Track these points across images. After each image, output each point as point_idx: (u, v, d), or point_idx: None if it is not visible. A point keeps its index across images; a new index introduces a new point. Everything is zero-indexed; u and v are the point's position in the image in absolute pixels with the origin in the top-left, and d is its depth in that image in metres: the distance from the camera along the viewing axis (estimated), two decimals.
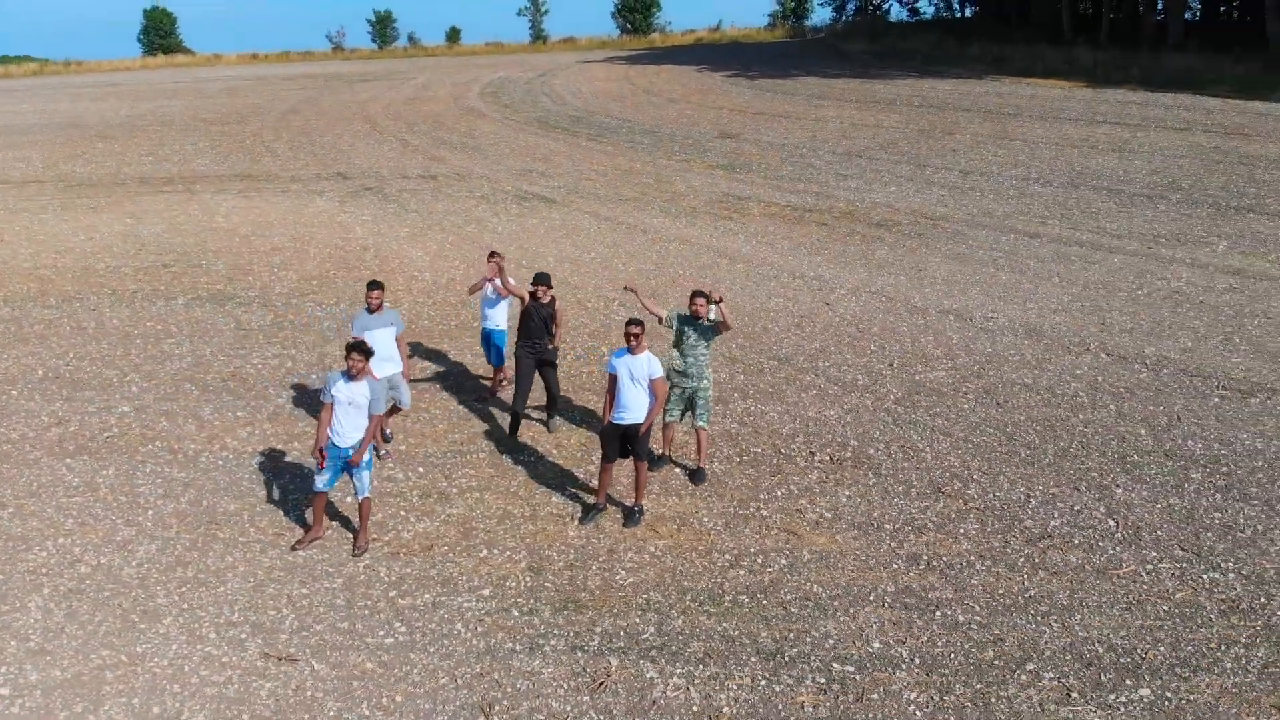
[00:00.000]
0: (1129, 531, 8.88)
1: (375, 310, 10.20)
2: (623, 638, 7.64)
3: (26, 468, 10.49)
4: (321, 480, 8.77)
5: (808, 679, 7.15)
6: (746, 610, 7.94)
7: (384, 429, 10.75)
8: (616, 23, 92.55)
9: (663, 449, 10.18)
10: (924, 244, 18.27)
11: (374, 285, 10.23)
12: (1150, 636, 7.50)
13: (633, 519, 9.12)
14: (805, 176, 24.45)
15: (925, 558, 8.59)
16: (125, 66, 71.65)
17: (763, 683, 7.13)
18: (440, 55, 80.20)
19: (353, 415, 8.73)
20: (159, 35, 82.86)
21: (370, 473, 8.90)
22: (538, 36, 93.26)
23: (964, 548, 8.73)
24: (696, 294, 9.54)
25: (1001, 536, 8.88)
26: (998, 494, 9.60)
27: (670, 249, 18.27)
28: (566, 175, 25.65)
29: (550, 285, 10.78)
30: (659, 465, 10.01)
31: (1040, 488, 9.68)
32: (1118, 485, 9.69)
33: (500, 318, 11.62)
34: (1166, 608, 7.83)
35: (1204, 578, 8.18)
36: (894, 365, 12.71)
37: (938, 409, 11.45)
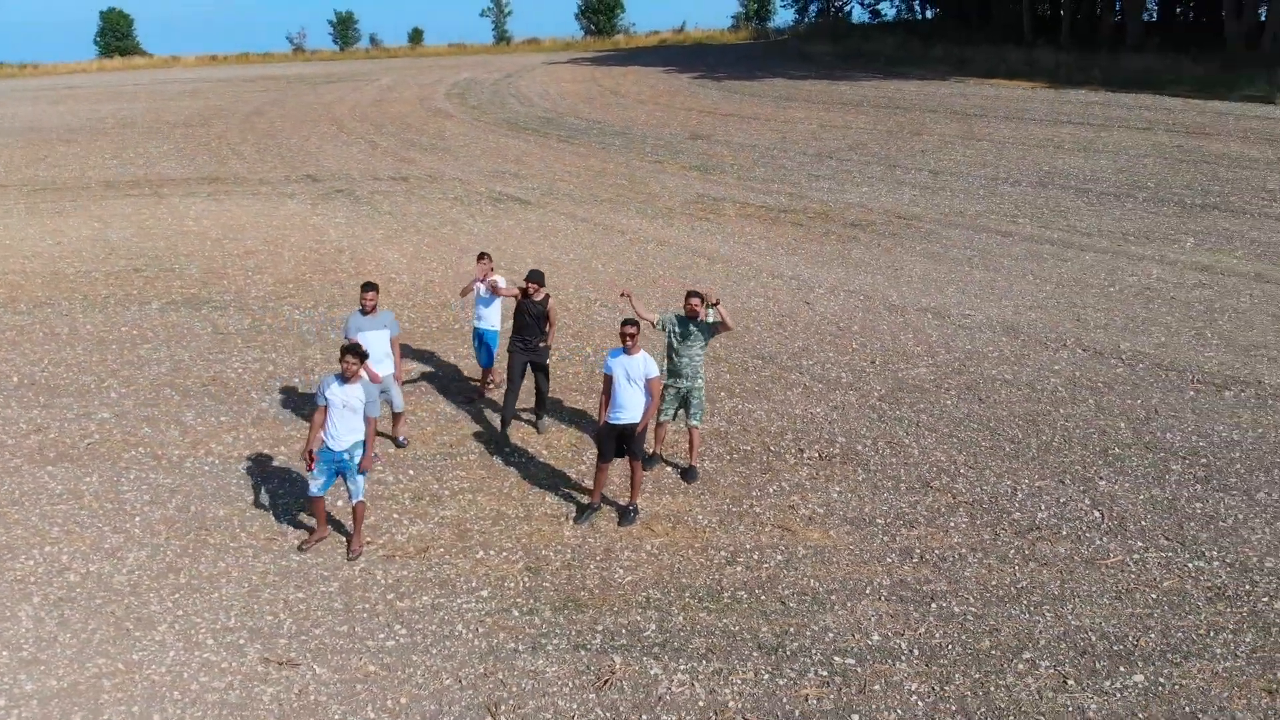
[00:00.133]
0: (1114, 522, 9.07)
1: (369, 312, 10.15)
2: (625, 635, 7.68)
3: (7, 475, 10.32)
4: (316, 485, 8.72)
5: (810, 672, 7.24)
6: (745, 606, 8.01)
7: (396, 436, 10.73)
8: (580, 24, 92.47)
9: (654, 448, 10.23)
10: (898, 243, 18.48)
11: (368, 287, 10.18)
12: (1141, 624, 7.67)
13: (628, 518, 9.17)
14: (778, 177, 24.62)
15: (918, 551, 8.71)
16: (82, 69, 70.37)
17: (766, 677, 7.20)
18: (403, 56, 79.66)
19: (347, 418, 8.69)
20: (116, 37, 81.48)
21: (364, 476, 8.87)
22: (501, 38, 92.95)
23: (955, 541, 8.86)
24: (691, 294, 9.61)
25: (991, 529, 9.04)
26: (985, 488, 9.76)
27: (649, 250, 18.33)
28: (540, 176, 25.63)
29: (542, 283, 10.79)
30: (651, 464, 10.06)
31: (1026, 481, 9.85)
32: (1101, 478, 9.88)
33: (494, 317, 11.61)
34: (1155, 596, 8.01)
35: (1189, 566, 8.38)
36: (876, 363, 12.86)
37: (921, 405, 11.60)
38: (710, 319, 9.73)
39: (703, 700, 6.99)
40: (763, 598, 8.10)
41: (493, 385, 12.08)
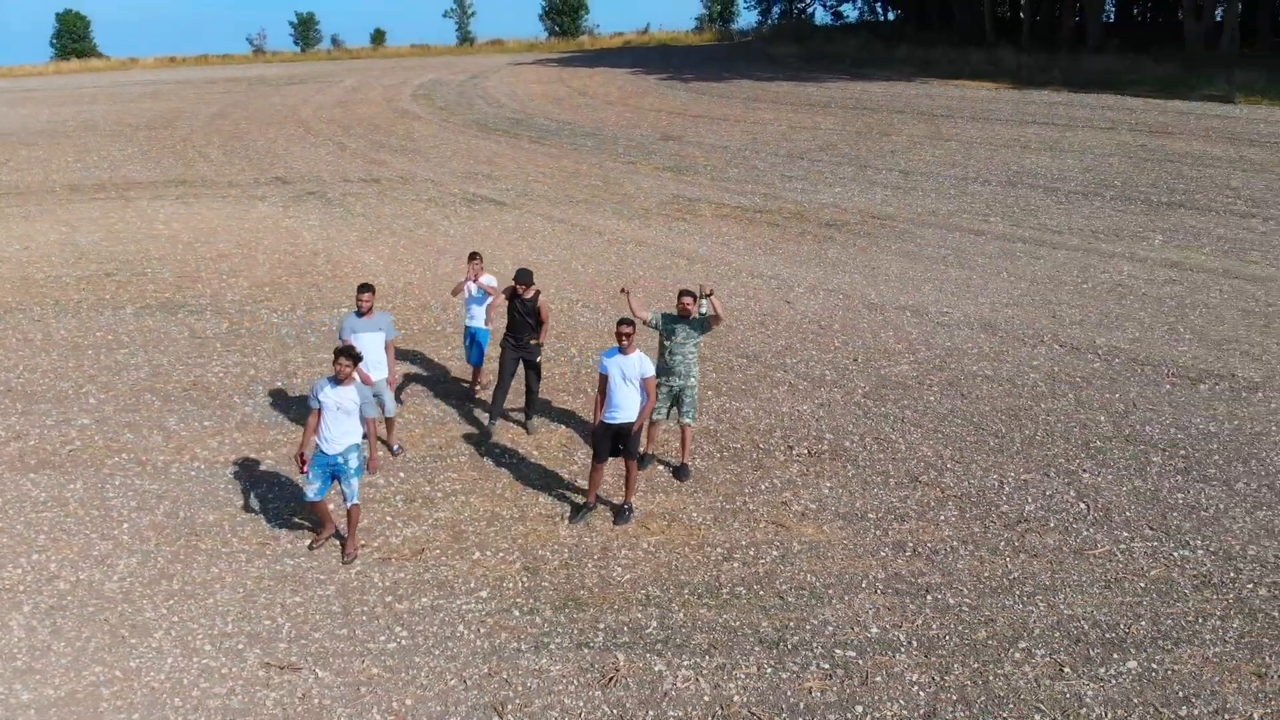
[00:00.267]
0: (1100, 514, 9.26)
1: (366, 314, 10.10)
2: (627, 633, 7.72)
3: None
4: (312, 490, 8.66)
5: (812, 665, 7.33)
6: (745, 601, 8.08)
7: (390, 444, 10.64)
8: (544, 25, 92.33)
9: (647, 447, 10.28)
10: (874, 243, 18.68)
11: (364, 288, 10.12)
12: (1131, 612, 7.84)
13: (623, 517, 9.21)
14: (751, 178, 24.78)
15: (910, 545, 8.84)
16: (38, 71, 69.10)
17: (769, 671, 7.28)
18: (365, 57, 79.09)
19: (341, 421, 8.64)
20: (72, 39, 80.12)
21: (359, 479, 8.83)
22: (465, 38, 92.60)
23: (946, 534, 9.00)
24: (684, 293, 9.67)
25: (980, 522, 9.19)
26: (972, 481, 9.91)
27: (627, 250, 18.38)
28: (513, 178, 25.58)
29: (530, 282, 10.80)
30: (645, 464, 10.11)
31: (1012, 474, 10.03)
32: (1084, 470, 10.08)
33: (485, 316, 11.61)
34: (1143, 585, 8.19)
35: (1175, 555, 8.58)
36: (859, 360, 13.00)
37: (905, 401, 11.75)
38: (703, 310, 9.79)
39: (708, 695, 7.06)
40: (761, 593, 8.18)
41: (480, 387, 12.07)
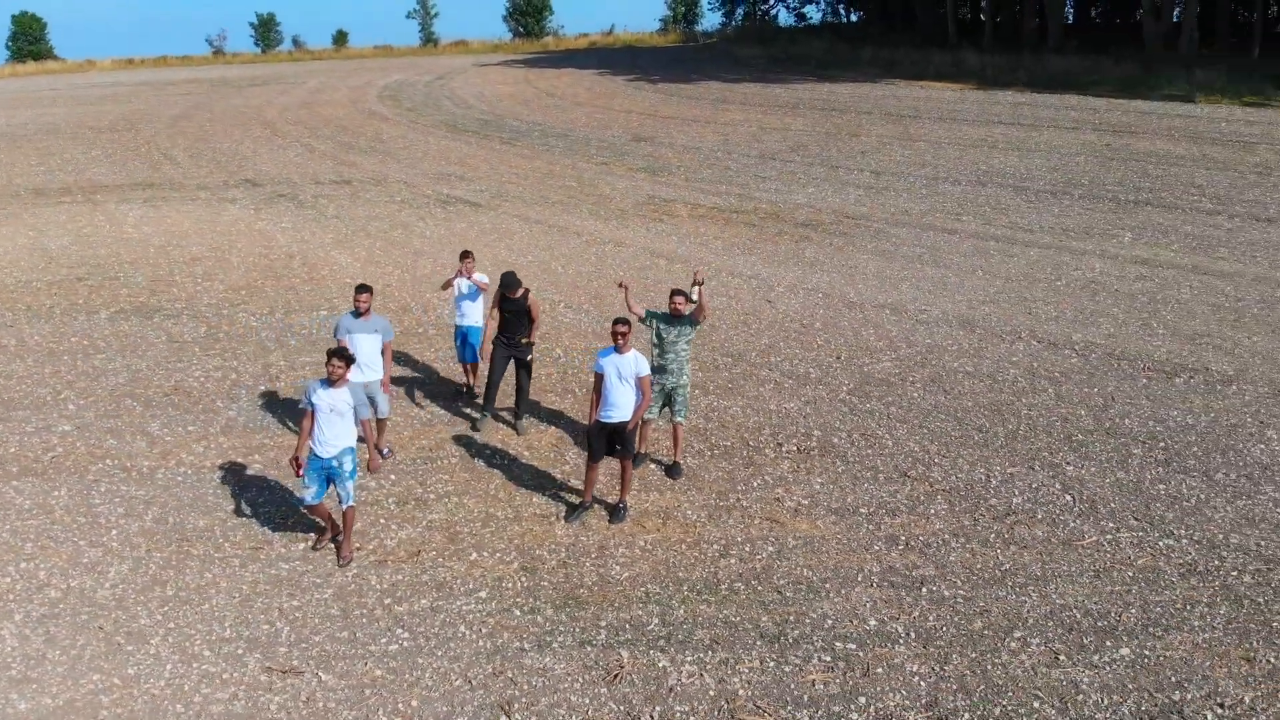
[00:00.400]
0: (1085, 505, 9.45)
1: (363, 314, 10.05)
2: (629, 630, 7.77)
3: None
4: (309, 494, 8.60)
5: (814, 658, 7.42)
6: (744, 597, 8.16)
7: (380, 447, 10.55)
8: (508, 26, 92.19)
9: (640, 446, 10.33)
10: (850, 242, 18.88)
11: (362, 289, 10.05)
12: (1121, 600, 8.02)
13: (618, 515, 9.25)
14: (725, 179, 24.92)
15: (903, 538, 8.97)
16: None
17: (772, 664, 7.36)
18: (328, 59, 78.55)
19: (335, 423, 8.60)
20: (28, 41, 78.68)
21: (354, 482, 8.80)
22: (428, 39, 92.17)
23: (937, 527, 9.14)
24: (676, 292, 9.74)
25: (970, 515, 9.34)
26: (959, 475, 10.07)
27: (606, 251, 18.42)
28: (487, 179, 25.53)
29: (518, 285, 10.81)
30: (638, 463, 10.16)
31: (998, 468, 10.20)
32: (1067, 463, 10.28)
33: (477, 314, 11.60)
34: (1131, 574, 8.38)
35: (1160, 544, 8.78)
36: (842, 358, 13.14)
37: (889, 398, 11.91)
38: (694, 297, 9.86)
39: (713, 690, 7.12)
40: (759, 588, 8.27)
41: (473, 387, 12.07)
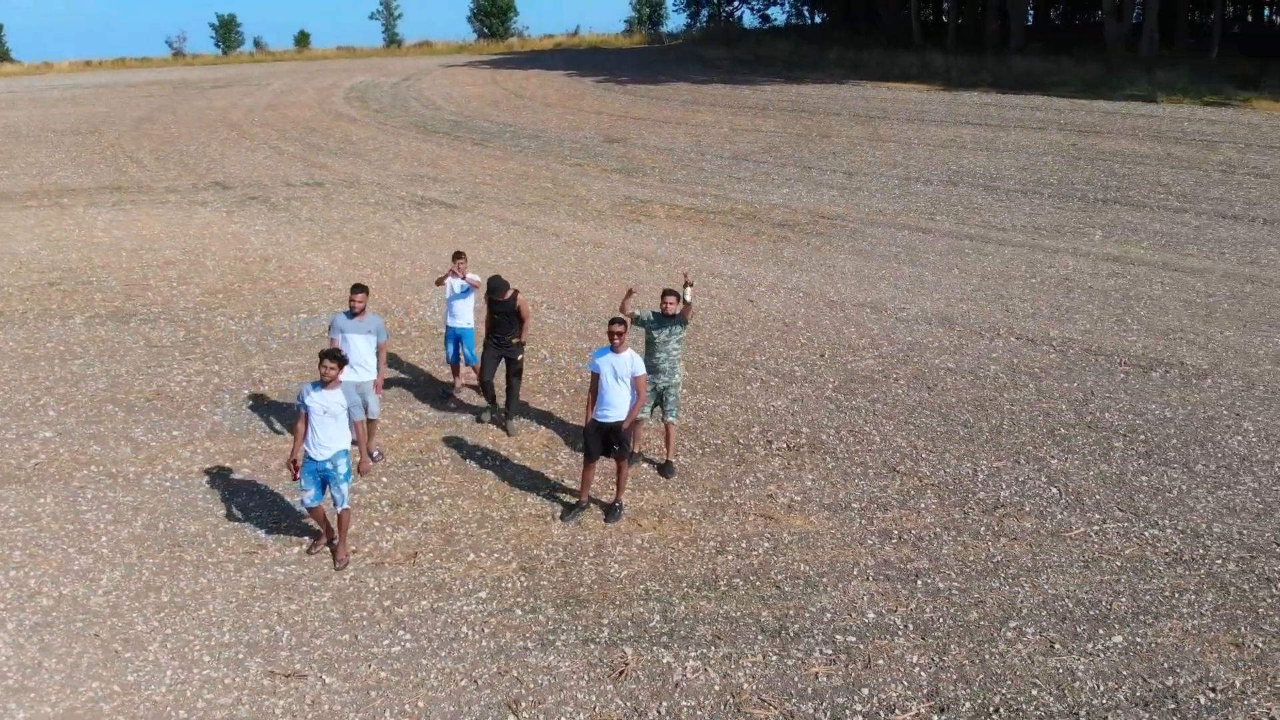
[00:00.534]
0: (1071, 498, 9.64)
1: (358, 314, 10.00)
2: (631, 627, 7.82)
3: None
4: (307, 497, 8.57)
5: (815, 651, 7.52)
6: (743, 592, 8.24)
7: (371, 450, 10.48)
8: (473, 26, 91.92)
9: (633, 445, 10.37)
10: (827, 242, 19.06)
11: (358, 289, 10.01)
12: (1110, 590, 8.20)
13: (614, 514, 9.30)
14: (699, 180, 25.04)
15: (896, 532, 9.10)
16: None
17: (774, 658, 7.45)
18: (290, 60, 77.79)
19: (329, 425, 8.56)
20: None
21: (349, 484, 8.77)
22: (392, 40, 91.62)
23: (928, 521, 9.29)
24: (668, 291, 9.81)
25: (959, 509, 9.49)
26: (947, 470, 10.23)
27: (586, 252, 18.46)
28: (461, 180, 25.45)
29: (505, 289, 10.82)
30: (631, 462, 10.21)
31: (984, 462, 10.37)
32: (1051, 456, 10.47)
33: (468, 315, 11.61)
34: (1119, 563, 8.56)
35: (1146, 534, 8.98)
36: (825, 356, 13.28)
37: (874, 395, 12.06)
38: (687, 298, 9.93)
39: (718, 684, 7.19)
40: (757, 584, 8.35)
41: (457, 387, 12.07)
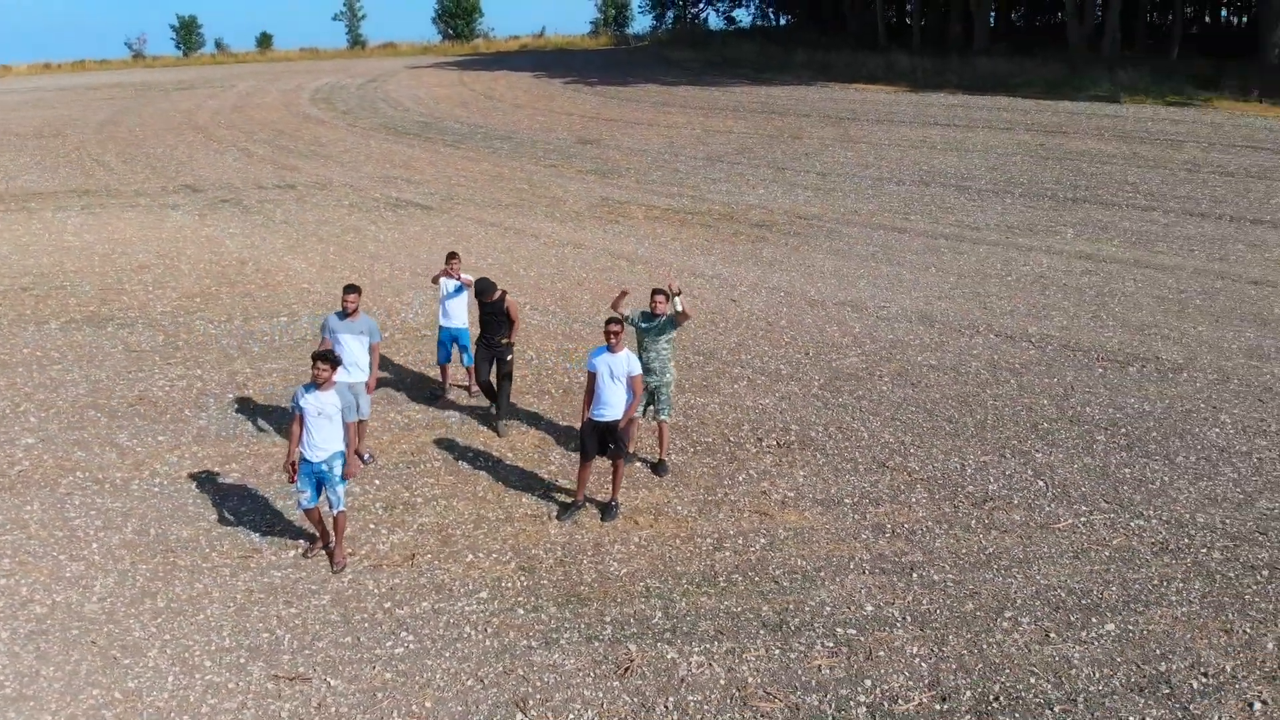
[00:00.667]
0: (1058, 490, 9.83)
1: (350, 315, 9.96)
2: (633, 624, 7.88)
3: None
4: (304, 499, 8.54)
5: (817, 644, 7.61)
6: (742, 588, 8.33)
7: (361, 452, 10.45)
8: (438, 28, 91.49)
9: (627, 445, 10.42)
10: (805, 242, 19.23)
11: (350, 289, 9.96)
12: (1101, 579, 8.37)
13: (610, 513, 9.35)
14: (675, 181, 25.14)
15: (889, 526, 9.23)
16: None
17: (777, 652, 7.54)
18: (253, 62, 77.14)
19: (323, 426, 8.54)
20: None
21: (344, 486, 8.74)
22: (356, 42, 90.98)
23: (920, 515, 9.43)
24: (656, 291, 9.87)
25: (950, 503, 9.64)
26: (935, 465, 10.39)
27: (566, 253, 18.48)
28: (435, 182, 25.36)
29: (490, 290, 10.85)
30: (627, 461, 10.26)
31: (971, 457, 10.54)
32: (1036, 450, 10.66)
33: (464, 315, 11.62)
34: (1108, 553, 8.75)
35: (1132, 525, 9.18)
36: (810, 354, 13.42)
37: (860, 392, 12.20)
38: (678, 307, 10.01)
39: (723, 679, 7.27)
40: (756, 579, 8.44)
41: (445, 389, 12.06)
